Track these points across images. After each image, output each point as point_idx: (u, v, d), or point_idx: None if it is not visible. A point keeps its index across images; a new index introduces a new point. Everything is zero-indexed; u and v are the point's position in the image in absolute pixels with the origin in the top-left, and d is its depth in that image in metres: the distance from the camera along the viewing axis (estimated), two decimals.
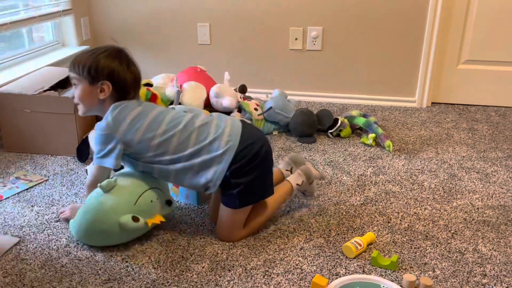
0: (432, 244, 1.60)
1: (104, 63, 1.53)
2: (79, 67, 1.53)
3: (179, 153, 1.51)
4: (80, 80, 1.55)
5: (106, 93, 1.54)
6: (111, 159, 1.51)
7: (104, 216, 1.50)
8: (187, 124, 1.54)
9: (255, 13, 2.96)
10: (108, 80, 1.53)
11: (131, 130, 1.51)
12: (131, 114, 1.53)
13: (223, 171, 1.50)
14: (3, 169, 2.12)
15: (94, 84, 1.53)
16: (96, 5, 3.16)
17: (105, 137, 1.51)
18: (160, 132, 1.52)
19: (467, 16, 2.81)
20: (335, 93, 3.06)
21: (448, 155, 2.30)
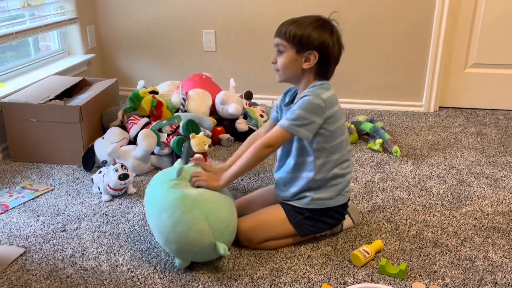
0: (442, 252, 1.58)
1: (316, 34, 1.47)
2: (290, 35, 1.48)
3: (338, 164, 1.56)
4: (287, 47, 1.49)
5: (311, 63, 1.48)
6: (308, 131, 1.46)
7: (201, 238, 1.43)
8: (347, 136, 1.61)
9: (260, 19, 2.95)
10: (317, 50, 1.47)
11: (336, 116, 1.50)
12: (338, 102, 1.53)
13: (329, 203, 1.58)
14: (9, 179, 2.12)
15: (301, 52, 1.48)
16: (101, 13, 3.17)
17: (318, 107, 1.45)
18: (345, 135, 1.56)
19: (473, 19, 2.78)
20: (341, 98, 2.99)
21: (456, 160, 2.27)
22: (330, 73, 1.55)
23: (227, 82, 2.69)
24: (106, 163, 2.13)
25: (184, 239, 1.42)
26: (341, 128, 1.54)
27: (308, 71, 1.51)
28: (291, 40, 1.48)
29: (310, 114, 1.46)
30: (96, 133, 2.32)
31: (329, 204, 1.57)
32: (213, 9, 3.01)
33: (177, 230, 1.42)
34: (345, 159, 1.58)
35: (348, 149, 1.59)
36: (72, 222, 1.77)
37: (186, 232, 1.41)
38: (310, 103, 1.45)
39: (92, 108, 2.30)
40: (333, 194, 1.57)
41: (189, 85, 2.64)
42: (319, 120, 1.47)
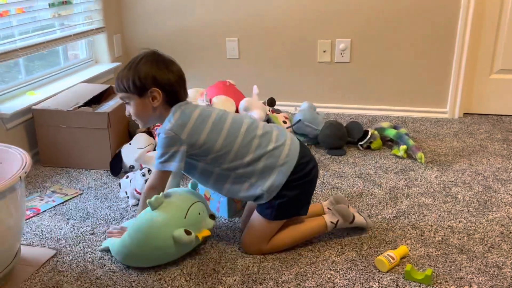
0: (468, 258, 1.56)
1: (144, 71, 1.52)
2: (124, 84, 1.54)
3: (241, 156, 1.52)
4: (129, 96, 1.56)
5: (159, 99, 1.53)
6: (175, 162, 1.49)
7: (157, 232, 1.49)
8: (248, 128, 1.56)
9: (283, 27, 2.98)
10: (155, 86, 1.52)
11: (196, 131, 1.51)
12: (194, 114, 1.53)
13: (281, 183, 1.52)
14: (40, 183, 2.18)
15: (143, 95, 1.53)
16: (127, 22, 3.24)
17: (170, 139, 1.49)
18: (224, 132, 1.53)
19: (499, 24, 2.75)
20: (364, 104, 3.04)
21: (482, 166, 2.25)
22: (182, 95, 1.58)
23: (250, 89, 2.71)
24: (133, 168, 2.18)
25: (145, 238, 1.51)
26: (212, 133, 1.51)
27: (161, 107, 1.55)
28: (127, 89, 1.54)
29: (167, 148, 1.49)
30: (123, 139, 2.37)
31: (279, 183, 1.52)
32: (236, 17, 3.05)
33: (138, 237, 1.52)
34: (246, 148, 1.52)
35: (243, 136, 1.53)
36: (101, 226, 1.81)
37: (146, 233, 1.51)
38: (162, 140, 1.50)
39: (120, 115, 2.35)
40: (274, 177, 1.51)
41: (213, 92, 2.68)
42: (182, 148, 1.49)
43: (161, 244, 1.50)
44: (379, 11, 2.83)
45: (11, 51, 2.27)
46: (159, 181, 1.57)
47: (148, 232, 1.50)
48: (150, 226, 1.50)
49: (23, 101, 2.38)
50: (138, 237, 1.51)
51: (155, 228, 1.50)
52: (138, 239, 1.51)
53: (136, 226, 1.52)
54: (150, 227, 1.50)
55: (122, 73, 1.56)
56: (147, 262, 1.55)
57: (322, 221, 1.66)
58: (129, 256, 1.54)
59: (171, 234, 1.49)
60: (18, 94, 2.47)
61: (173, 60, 1.60)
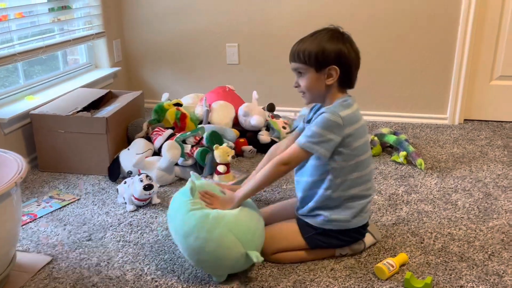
0: (468, 266, 1.55)
1: (330, 47, 1.44)
2: (304, 55, 1.46)
3: (358, 185, 1.52)
4: (306, 68, 1.47)
5: (334, 77, 1.46)
6: (325, 149, 1.43)
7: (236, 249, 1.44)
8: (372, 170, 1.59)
9: (283, 32, 2.98)
10: (336, 64, 1.45)
11: (356, 135, 1.47)
12: (361, 119, 1.51)
13: (342, 227, 1.54)
14: (37, 188, 2.17)
15: (321, 70, 1.46)
16: (127, 27, 3.24)
17: (336, 125, 1.42)
18: (367, 155, 1.53)
19: (499, 30, 2.75)
20: (364, 110, 2.99)
21: (482, 173, 2.23)
22: (353, 81, 1.52)
23: (250, 94, 2.71)
24: (131, 173, 2.17)
25: (215, 256, 1.44)
26: (362, 147, 1.50)
27: (332, 86, 1.49)
28: (307, 61, 1.46)
29: (327, 131, 1.43)
30: (122, 144, 2.36)
31: (344, 226, 1.54)
32: (236, 23, 3.04)
33: (207, 250, 1.43)
34: (366, 179, 1.54)
35: (370, 169, 1.55)
36: (98, 232, 1.80)
37: (215, 250, 1.42)
38: (327, 120, 1.43)
39: (118, 120, 2.34)
40: (349, 217, 1.53)
41: (212, 97, 2.68)
42: (337, 138, 1.43)
43: (232, 258, 1.45)
44: (379, 17, 2.83)
45: (9, 56, 2.26)
46: (296, 160, 1.49)
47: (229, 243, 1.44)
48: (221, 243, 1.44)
49: (22, 105, 2.38)
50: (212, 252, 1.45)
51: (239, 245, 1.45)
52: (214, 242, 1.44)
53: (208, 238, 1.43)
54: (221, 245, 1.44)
55: (303, 44, 1.48)
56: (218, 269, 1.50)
57: (333, 252, 1.61)
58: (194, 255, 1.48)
59: (245, 252, 1.44)
60: (17, 98, 2.46)
61: (353, 41, 1.52)
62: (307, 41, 1.48)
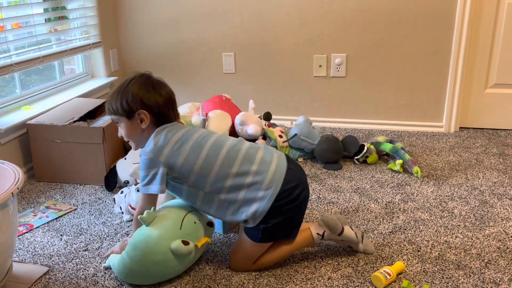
0: (465, 274, 1.55)
1: (132, 94, 1.55)
2: (113, 107, 1.58)
3: (222, 180, 1.50)
4: (119, 118, 1.59)
5: (146, 121, 1.56)
6: (156, 185, 1.50)
7: (155, 247, 1.47)
8: (230, 150, 1.54)
9: (279, 41, 3.00)
10: (142, 108, 1.55)
11: (174, 153, 1.51)
12: (174, 137, 1.54)
13: (265, 209, 1.49)
14: (34, 198, 2.17)
15: (132, 117, 1.57)
16: (124, 37, 3.25)
17: (149, 161, 1.51)
18: (203, 155, 1.52)
19: (494, 38, 2.77)
20: (360, 119, 3.04)
21: (478, 181, 2.24)
22: (170, 116, 1.60)
23: (247, 103, 2.72)
24: (128, 183, 2.17)
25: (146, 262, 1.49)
26: (194, 151, 1.51)
27: (149, 128, 1.57)
28: (117, 111, 1.58)
29: (149, 170, 1.51)
30: (119, 154, 2.36)
31: (262, 210, 1.48)
32: (233, 32, 3.06)
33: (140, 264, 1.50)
34: (225, 175, 1.50)
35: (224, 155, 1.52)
36: (95, 242, 1.79)
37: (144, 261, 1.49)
38: (142, 161, 1.53)
39: (115, 129, 2.32)
40: (258, 204, 1.48)
41: (209, 106, 2.68)
42: (161, 170, 1.50)
43: (160, 258, 1.48)
44: (375, 26, 2.85)
45: (6, 66, 2.27)
46: (147, 205, 1.55)
47: (144, 248, 1.48)
48: (146, 241, 1.48)
49: (18, 115, 2.38)
50: (136, 254, 1.48)
51: (151, 243, 1.48)
52: (136, 257, 1.48)
53: (133, 244, 1.50)
54: (146, 243, 1.48)
55: (112, 96, 1.60)
56: (150, 279, 1.52)
57: (308, 233, 1.62)
58: (131, 274, 1.51)
59: (169, 247, 1.48)
60: (14, 108, 2.46)
61: (163, 82, 1.62)
62: (115, 93, 1.60)
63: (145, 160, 1.52)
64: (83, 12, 2.92)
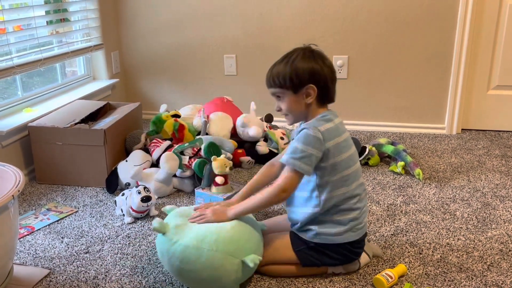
0: (467, 277, 1.54)
1: (302, 67, 1.47)
2: (280, 79, 1.49)
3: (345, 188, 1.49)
4: (284, 92, 1.51)
5: (313, 96, 1.48)
6: (306, 165, 1.42)
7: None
8: (359, 166, 1.55)
9: (280, 43, 2.99)
10: (311, 82, 1.47)
11: (337, 148, 1.47)
12: (344, 134, 1.51)
13: (334, 241, 1.51)
14: (35, 201, 2.17)
15: (299, 91, 1.48)
16: (125, 39, 3.26)
17: (316, 140, 1.43)
18: (346, 155, 1.49)
19: (496, 40, 2.77)
20: (362, 120, 3.04)
21: (480, 183, 2.23)
22: (332, 95, 1.54)
23: (248, 105, 2.71)
24: (129, 185, 2.17)
25: (215, 279, 1.43)
26: (347, 161, 1.49)
27: (313, 104, 1.50)
28: (283, 84, 1.49)
29: (307, 146, 1.43)
30: (120, 156, 2.36)
31: (335, 240, 1.51)
32: (234, 34, 3.06)
33: (204, 277, 1.43)
34: (354, 194, 1.51)
35: (358, 183, 1.53)
36: (96, 244, 1.79)
37: (212, 275, 1.42)
38: (306, 135, 1.44)
39: (116, 132, 2.35)
40: (340, 230, 1.50)
41: (210, 108, 2.68)
42: (317, 153, 1.43)
43: (231, 273, 1.43)
44: (376, 27, 2.84)
45: (8, 68, 2.27)
46: (291, 183, 1.46)
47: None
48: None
49: (20, 118, 2.38)
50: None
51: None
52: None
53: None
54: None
55: (277, 68, 1.51)
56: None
57: (325, 270, 1.59)
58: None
59: (240, 260, 1.43)
60: (15, 110, 2.47)
61: (326, 56, 1.54)
62: (280, 64, 1.52)
63: (312, 136, 1.43)
64: (85, 14, 2.92)
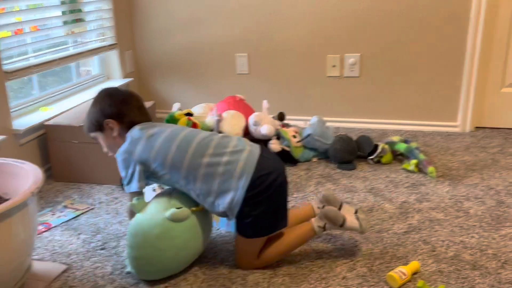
0: (481, 274, 1.54)
1: (95, 110, 1.67)
2: (87, 127, 1.71)
3: (193, 172, 1.52)
4: (95, 134, 1.71)
5: (116, 128, 1.64)
6: (135, 183, 1.56)
7: (150, 222, 1.50)
8: (201, 142, 1.56)
9: (292, 42, 3.00)
10: (106, 118, 1.64)
11: (146, 147, 1.56)
12: (148, 131, 1.59)
13: (239, 199, 1.49)
14: (52, 198, 2.20)
15: (102, 129, 1.67)
16: (139, 39, 3.29)
17: (124, 161, 1.58)
18: (174, 148, 1.55)
19: (510, 37, 2.74)
20: (374, 118, 3.03)
21: (494, 181, 2.22)
22: (135, 117, 1.65)
23: (260, 103, 2.73)
24: None
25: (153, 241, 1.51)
26: (161, 150, 1.54)
27: (121, 134, 1.64)
28: (89, 130, 1.71)
29: (126, 169, 1.57)
30: None
31: (237, 200, 1.50)
32: (246, 33, 3.08)
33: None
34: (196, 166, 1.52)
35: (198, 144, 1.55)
36: (111, 241, 1.82)
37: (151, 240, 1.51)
38: (119, 163, 1.60)
39: None
40: (230, 193, 1.50)
41: (223, 107, 2.70)
42: (137, 167, 1.55)
43: (160, 230, 1.49)
44: (389, 25, 2.84)
45: (25, 68, 2.31)
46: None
47: (140, 229, 1.51)
48: (139, 223, 1.52)
49: (36, 117, 2.42)
50: (136, 240, 1.51)
51: (146, 221, 1.51)
52: (137, 242, 1.51)
53: (130, 233, 1.53)
54: (140, 223, 1.52)
55: (84, 121, 1.73)
56: (167, 265, 1.54)
57: (309, 226, 1.62)
58: (142, 264, 1.53)
59: (164, 217, 1.49)
60: (32, 110, 2.51)
61: (121, 90, 1.75)
62: (85, 117, 1.73)
63: (121, 161, 1.58)
64: (99, 14, 2.96)
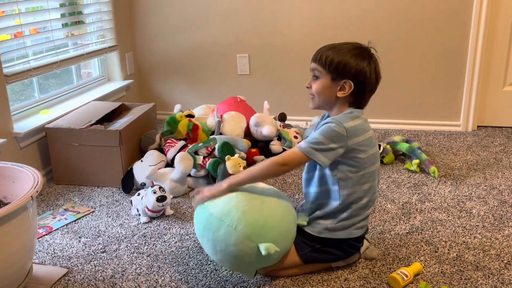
0: (484, 275, 1.53)
1: (353, 63, 1.44)
2: (326, 61, 1.46)
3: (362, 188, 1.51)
4: (323, 73, 1.48)
5: (346, 92, 1.46)
6: (325, 158, 1.42)
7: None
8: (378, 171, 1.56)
9: (293, 42, 2.99)
10: (352, 79, 1.45)
11: (362, 145, 1.46)
12: (369, 133, 1.50)
13: (339, 236, 1.52)
14: (52, 201, 2.20)
15: (337, 80, 1.46)
16: (139, 40, 3.28)
17: (339, 136, 1.42)
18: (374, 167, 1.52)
19: (511, 36, 2.73)
20: (376, 118, 3.02)
21: (497, 180, 2.21)
22: (364, 102, 1.52)
23: (261, 104, 2.72)
24: (144, 185, 2.19)
25: (228, 255, 1.44)
26: (370, 159, 1.49)
27: (342, 99, 1.48)
28: (327, 66, 1.46)
29: (329, 140, 1.42)
30: (135, 156, 2.39)
31: (341, 235, 1.52)
32: (247, 34, 3.07)
33: (218, 250, 1.45)
34: (372, 191, 1.53)
35: (376, 181, 1.55)
36: (112, 244, 1.82)
37: (226, 249, 1.43)
38: (331, 130, 1.43)
39: (131, 132, 2.37)
40: (348, 225, 1.52)
41: (224, 108, 2.69)
42: (338, 149, 1.43)
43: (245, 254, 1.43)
44: (390, 25, 2.83)
45: (25, 71, 2.31)
46: (295, 162, 1.47)
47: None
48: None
49: (37, 120, 2.41)
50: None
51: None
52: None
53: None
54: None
55: (329, 51, 1.48)
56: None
57: (328, 264, 1.60)
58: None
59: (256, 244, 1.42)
60: (32, 112, 2.50)
61: (378, 64, 1.51)
62: (335, 48, 1.48)
63: (335, 131, 1.42)
64: (99, 16, 2.96)
